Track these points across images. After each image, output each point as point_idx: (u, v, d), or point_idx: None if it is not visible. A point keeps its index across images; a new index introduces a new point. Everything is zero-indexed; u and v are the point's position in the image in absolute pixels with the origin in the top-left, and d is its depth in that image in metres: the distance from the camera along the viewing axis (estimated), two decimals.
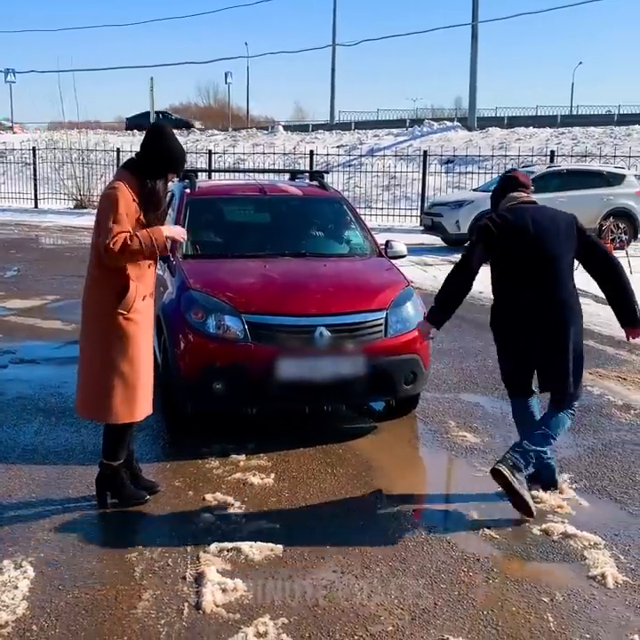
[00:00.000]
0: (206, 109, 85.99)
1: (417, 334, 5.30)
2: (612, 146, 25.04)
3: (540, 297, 4.30)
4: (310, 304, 5.20)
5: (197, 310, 5.18)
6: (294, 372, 5.03)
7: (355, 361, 5.10)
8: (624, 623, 3.28)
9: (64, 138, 26.83)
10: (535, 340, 4.33)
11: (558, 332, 4.32)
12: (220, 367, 5.02)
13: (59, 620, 3.24)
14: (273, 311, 5.13)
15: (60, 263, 14.04)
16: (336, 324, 5.12)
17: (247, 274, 5.59)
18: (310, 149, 24.56)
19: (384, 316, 5.28)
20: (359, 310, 5.26)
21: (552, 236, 4.35)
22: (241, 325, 5.05)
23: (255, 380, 5.01)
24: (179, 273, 5.63)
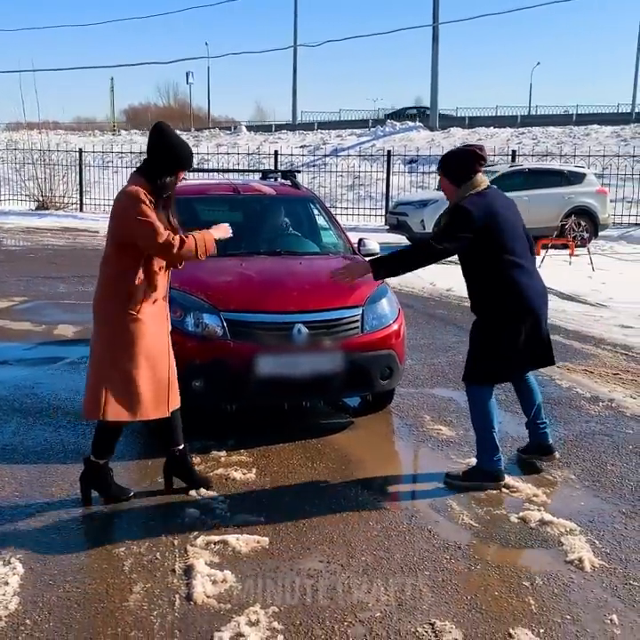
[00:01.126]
0: (166, 109, 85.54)
1: (392, 330, 5.43)
2: (572, 145, 25.51)
3: (532, 280, 4.50)
4: (288, 301, 5.27)
5: (176, 309, 5.20)
6: (273, 368, 5.10)
7: (332, 357, 5.18)
8: (602, 605, 3.40)
9: (24, 138, 26.51)
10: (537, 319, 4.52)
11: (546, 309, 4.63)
12: (200, 364, 5.06)
13: (51, 613, 3.27)
14: (251, 309, 5.20)
15: (24, 264, 13.92)
16: (314, 321, 5.20)
17: (224, 272, 5.65)
18: (275, 149, 24.62)
19: (360, 313, 5.37)
20: (336, 307, 5.35)
21: (517, 214, 4.67)
22: (220, 323, 5.11)
23: (234, 377, 5.07)
24: None
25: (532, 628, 3.20)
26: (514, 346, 4.50)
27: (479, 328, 4.63)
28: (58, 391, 6.34)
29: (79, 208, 24.65)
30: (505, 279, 4.46)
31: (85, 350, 7.65)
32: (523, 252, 4.56)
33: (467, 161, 4.58)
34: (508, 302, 4.46)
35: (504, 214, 4.51)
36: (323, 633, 3.15)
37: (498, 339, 4.51)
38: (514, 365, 4.65)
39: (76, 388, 6.41)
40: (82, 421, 5.60)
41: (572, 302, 10.67)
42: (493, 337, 4.53)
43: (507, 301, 4.46)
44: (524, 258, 4.56)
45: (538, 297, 4.56)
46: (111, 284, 4.16)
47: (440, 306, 10.44)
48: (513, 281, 4.45)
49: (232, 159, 25.13)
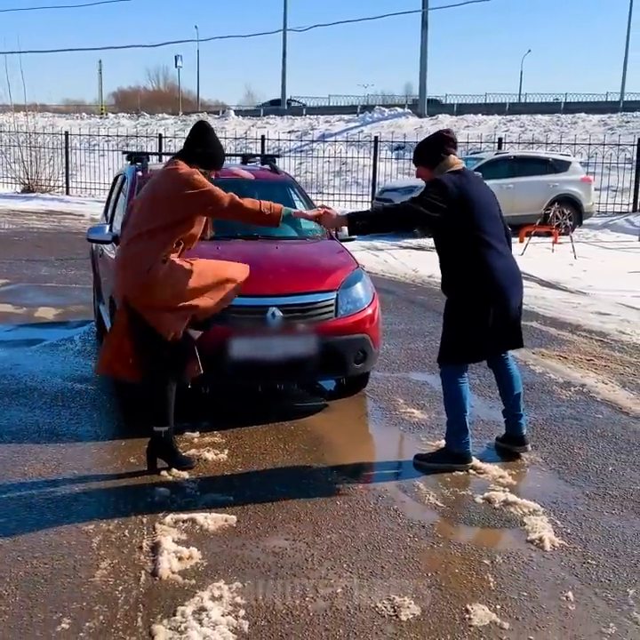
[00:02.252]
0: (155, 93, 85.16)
1: (366, 314, 5.49)
2: (559, 133, 25.56)
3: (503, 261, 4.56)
4: (263, 285, 5.29)
5: None
6: (247, 351, 5.15)
7: (306, 340, 5.24)
8: (559, 582, 3.48)
9: (10, 120, 26.37)
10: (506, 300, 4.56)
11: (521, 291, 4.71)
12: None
13: (18, 588, 3.33)
14: None
15: (8, 247, 13.90)
16: (288, 305, 5.24)
17: (200, 255, 5.65)
18: (262, 134, 24.57)
19: (335, 297, 5.41)
20: (310, 291, 5.39)
21: (492, 197, 4.73)
22: None
23: (209, 360, 5.11)
24: None
25: (489, 604, 3.28)
26: (483, 326, 4.54)
27: (450, 308, 4.70)
28: (35, 372, 6.38)
29: (65, 191, 24.56)
30: (475, 258, 4.51)
31: (65, 333, 7.73)
32: (496, 233, 4.61)
33: (436, 143, 4.66)
34: (477, 281, 4.51)
35: (478, 192, 4.58)
36: (284, 607, 3.22)
37: (467, 318, 4.57)
38: (484, 345, 4.68)
39: (54, 370, 6.47)
40: (57, 403, 5.66)
41: (551, 289, 10.75)
42: (463, 316, 4.59)
43: (476, 280, 4.51)
44: (497, 239, 4.61)
45: (508, 278, 4.59)
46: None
47: (421, 292, 10.51)
48: (483, 260, 4.50)
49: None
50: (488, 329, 4.57)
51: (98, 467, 4.64)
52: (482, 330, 4.57)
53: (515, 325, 4.74)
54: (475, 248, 4.51)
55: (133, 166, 6.88)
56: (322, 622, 3.13)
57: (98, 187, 23.40)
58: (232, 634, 3.03)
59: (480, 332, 4.58)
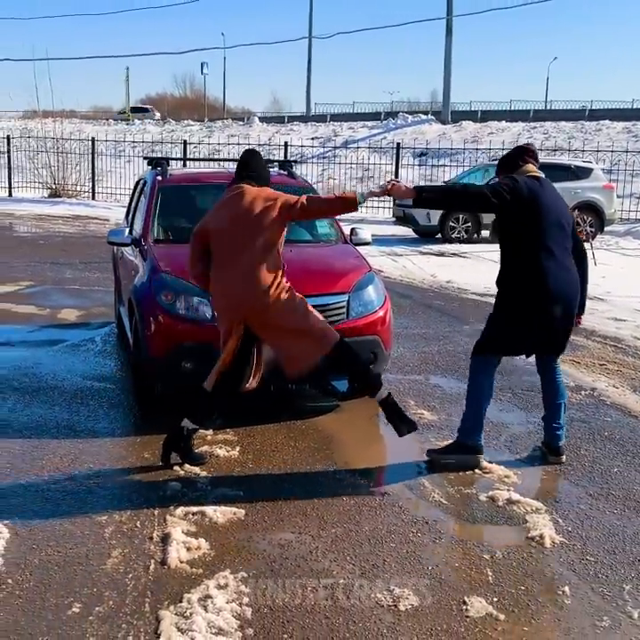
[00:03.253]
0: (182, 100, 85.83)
1: (378, 316, 5.59)
2: (582, 140, 25.51)
3: (559, 269, 4.59)
4: None
5: (167, 292, 5.40)
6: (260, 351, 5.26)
7: None
8: (557, 577, 3.57)
9: (39, 127, 26.79)
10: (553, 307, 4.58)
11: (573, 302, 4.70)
12: (189, 347, 5.25)
13: (32, 574, 3.47)
14: None
15: (34, 250, 14.17)
16: None
17: None
18: (285, 141, 24.76)
19: (346, 299, 5.54)
20: (322, 293, 5.50)
21: (564, 209, 4.79)
22: (209, 306, 5.26)
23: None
24: (150, 257, 5.85)
25: (487, 596, 3.37)
26: (521, 326, 4.61)
27: (497, 303, 4.78)
28: (56, 371, 6.54)
29: (91, 196, 24.91)
30: (532, 260, 4.56)
31: (86, 333, 7.91)
32: (559, 242, 4.64)
33: (515, 153, 4.87)
34: (528, 283, 4.57)
35: (549, 199, 4.63)
36: (287, 596, 3.33)
37: (510, 315, 4.65)
38: (519, 344, 4.74)
39: (74, 369, 6.63)
40: (76, 400, 5.82)
41: None
42: (506, 312, 4.67)
43: (527, 282, 4.57)
44: (559, 247, 4.63)
45: (561, 287, 4.60)
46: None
47: (438, 297, 10.58)
48: (539, 264, 4.55)
49: (243, 150, 25.28)
50: (526, 330, 4.63)
51: (113, 461, 4.78)
52: (520, 329, 4.64)
53: (558, 332, 4.71)
54: (534, 251, 4.56)
55: (153, 171, 7.03)
56: (322, 611, 3.24)
57: (123, 192, 23.67)
58: (235, 620, 3.15)
59: (517, 331, 4.65)
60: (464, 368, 6.91)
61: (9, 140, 25.76)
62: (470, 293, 10.72)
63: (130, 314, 5.99)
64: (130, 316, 6.01)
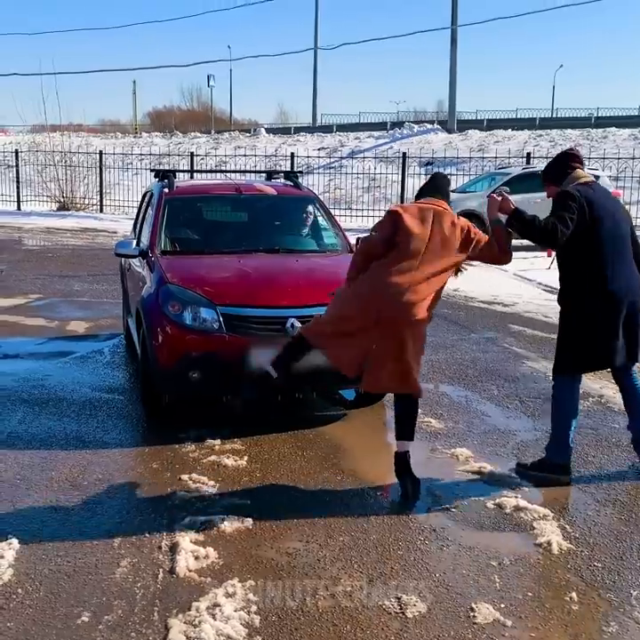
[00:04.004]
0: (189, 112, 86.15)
1: None
2: (589, 148, 25.48)
3: (623, 274, 4.55)
4: (282, 296, 5.47)
5: (174, 303, 5.43)
6: (267, 361, 5.27)
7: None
8: (564, 583, 3.57)
9: (46, 140, 26.96)
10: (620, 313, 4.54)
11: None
12: (196, 357, 5.28)
13: (42, 584, 3.50)
14: (246, 303, 5.39)
15: (43, 263, 14.24)
16: (306, 316, 5.32)
17: (222, 269, 5.87)
18: (291, 152, 24.85)
19: None
20: (328, 302, 5.50)
21: (620, 209, 4.77)
22: (216, 317, 5.31)
23: (230, 369, 5.27)
24: (157, 268, 5.89)
25: (494, 603, 3.38)
26: (595, 334, 4.54)
27: (564, 317, 4.70)
28: (65, 383, 6.58)
29: (99, 209, 25.03)
30: (594, 268, 4.51)
31: (95, 345, 7.96)
32: (619, 249, 4.59)
33: (561, 160, 4.82)
34: (593, 293, 4.52)
35: (604, 205, 4.60)
36: (295, 604, 3.35)
37: (580, 326, 4.57)
38: (598, 354, 4.64)
39: (83, 381, 6.67)
40: (85, 411, 5.86)
41: None
42: (578, 326, 4.59)
43: (592, 292, 4.52)
44: (619, 254, 4.58)
45: (629, 286, 4.57)
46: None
47: (445, 305, 10.57)
48: (607, 268, 4.50)
49: (250, 161, 25.39)
50: (600, 338, 4.55)
51: (121, 472, 4.81)
52: (598, 339, 4.56)
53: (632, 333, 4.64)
54: (600, 256, 4.51)
55: (160, 183, 7.09)
56: (330, 618, 3.25)
57: (131, 204, 23.76)
58: (243, 628, 3.17)
59: (596, 341, 4.57)
60: (471, 376, 6.95)
61: (17, 154, 25.93)
62: (477, 302, 10.73)
63: (138, 325, 6.03)
64: (138, 326, 6.05)
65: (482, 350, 7.93)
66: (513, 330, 8.93)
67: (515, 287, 12.07)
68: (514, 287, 12.07)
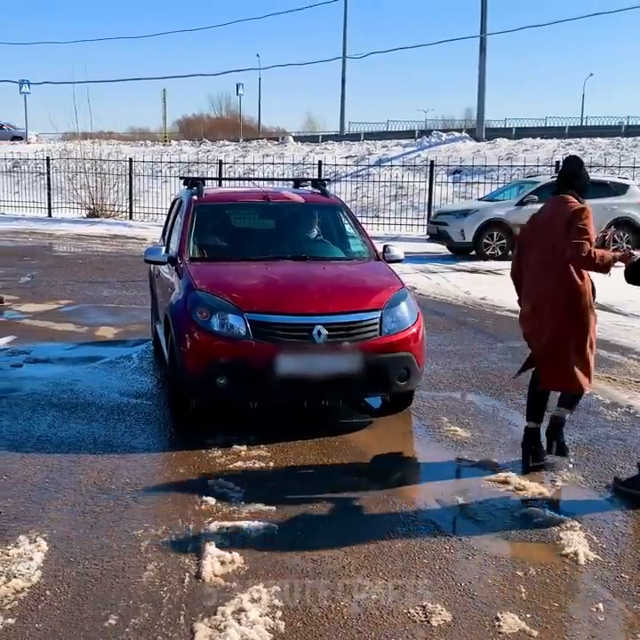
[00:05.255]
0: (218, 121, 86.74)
1: (410, 333, 5.61)
2: (619, 157, 25.29)
3: None
4: (309, 304, 5.50)
5: (202, 309, 5.48)
6: (293, 367, 5.32)
7: (351, 358, 5.38)
8: (590, 594, 3.55)
9: (78, 148, 27.27)
10: None
11: None
12: (224, 363, 5.31)
13: (70, 587, 3.54)
14: (274, 310, 5.42)
15: (73, 269, 14.40)
16: (333, 323, 5.41)
17: (250, 276, 5.91)
18: (319, 160, 24.91)
19: (379, 316, 5.56)
20: (355, 310, 5.55)
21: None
22: (243, 324, 5.35)
23: (256, 376, 5.30)
24: (185, 275, 5.95)
25: (520, 613, 3.36)
26: None
27: None
28: (94, 388, 6.65)
29: (129, 216, 25.24)
30: None
31: (123, 351, 8.03)
32: None
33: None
34: None
35: None
36: (319, 611, 3.36)
37: None
38: None
39: (112, 386, 6.74)
40: (113, 416, 5.91)
41: (605, 312, 10.66)
42: None
43: None
44: None
45: None
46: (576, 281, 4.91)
47: (472, 314, 10.56)
48: None
49: (277, 169, 25.50)
50: None
51: (149, 476, 4.85)
52: None
53: None
54: None
55: (189, 190, 7.16)
56: (355, 625, 3.26)
57: (160, 212, 23.93)
58: (268, 633, 3.18)
59: None
60: (498, 385, 6.92)
61: (49, 161, 26.27)
62: (505, 311, 10.67)
63: (166, 330, 6.09)
64: (166, 332, 6.11)
65: (509, 360, 7.88)
66: None
67: None
68: None
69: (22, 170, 29.41)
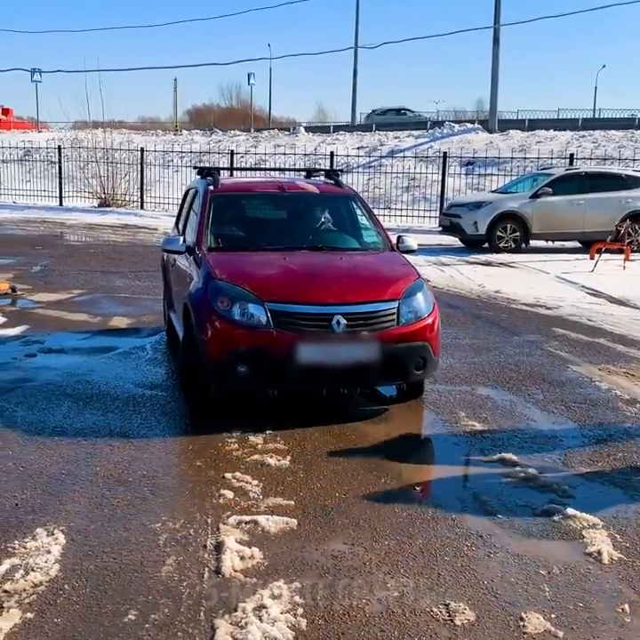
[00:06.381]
0: (228, 110, 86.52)
1: (427, 323, 5.61)
2: (633, 149, 25.11)
3: None
4: (328, 294, 5.53)
5: (223, 299, 5.51)
6: (313, 356, 5.36)
7: (369, 347, 5.43)
8: (616, 595, 3.49)
9: (89, 137, 27.22)
10: None
11: None
12: (245, 351, 5.35)
13: (89, 580, 3.50)
14: (294, 300, 5.46)
15: (84, 259, 14.38)
16: (352, 313, 5.45)
17: (268, 265, 5.93)
18: (331, 150, 24.82)
19: (396, 306, 5.61)
20: (373, 300, 5.59)
21: None
22: (264, 313, 5.38)
23: (277, 364, 5.35)
24: (204, 264, 5.95)
25: (545, 613, 3.31)
26: None
27: None
28: (108, 379, 6.62)
29: (140, 206, 25.21)
30: None
31: (137, 341, 7.99)
32: None
33: None
34: None
35: None
36: (341, 608, 3.31)
37: None
38: None
39: (126, 376, 6.70)
40: (129, 407, 5.88)
41: (621, 307, 10.61)
42: None
43: None
44: None
45: None
46: None
47: (487, 307, 10.48)
48: None
49: (289, 160, 25.40)
50: None
51: (166, 468, 4.82)
52: None
53: None
54: None
55: (204, 180, 7.12)
56: (377, 624, 3.21)
57: (171, 201, 23.93)
58: (290, 631, 3.14)
59: None
60: (515, 379, 6.86)
61: (60, 150, 26.26)
62: (520, 304, 10.60)
63: (185, 318, 6.06)
64: (185, 320, 6.08)
65: (525, 354, 7.82)
66: (557, 333, 8.80)
67: (558, 290, 11.90)
68: (557, 290, 11.90)
69: (34, 158, 29.45)
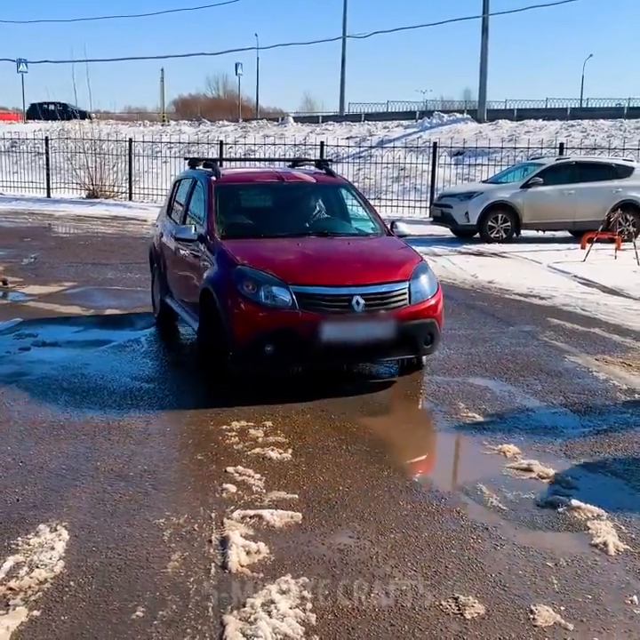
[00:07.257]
0: (215, 101, 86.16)
1: (434, 301, 6.14)
2: (622, 139, 25.16)
3: None
4: (347, 276, 5.95)
5: (248, 282, 5.84)
6: (335, 334, 5.76)
7: (385, 325, 5.90)
8: (624, 586, 3.49)
9: (76, 128, 27.00)
10: None
11: None
12: (272, 332, 5.71)
13: (94, 577, 3.47)
14: (316, 283, 5.87)
15: (75, 251, 14.27)
16: (369, 293, 5.89)
17: (285, 251, 6.28)
18: (320, 140, 24.72)
19: (407, 286, 6.03)
20: (388, 281, 6.01)
21: None
22: (288, 295, 5.73)
23: (302, 343, 5.73)
24: (221, 251, 6.28)
25: (554, 605, 3.31)
26: None
27: None
28: (104, 372, 6.57)
29: (128, 197, 25.04)
30: None
31: (131, 334, 7.94)
32: None
33: None
34: None
35: None
36: (350, 603, 3.30)
37: None
38: None
39: (122, 370, 6.66)
40: (126, 401, 5.83)
41: (614, 296, 10.62)
42: None
43: None
44: None
45: None
46: None
47: (480, 298, 10.47)
48: None
49: (278, 150, 25.29)
50: None
51: (167, 463, 4.77)
52: None
53: None
54: None
55: (205, 171, 7.30)
56: (387, 618, 3.19)
57: (160, 192, 23.76)
58: (300, 626, 3.12)
59: None
60: (512, 370, 6.86)
61: (47, 141, 26.02)
62: (513, 294, 10.60)
63: (203, 303, 6.32)
64: (202, 305, 6.34)
65: (521, 344, 7.82)
66: (552, 323, 8.80)
67: (550, 280, 11.90)
68: (549, 280, 11.90)
69: (20, 150, 29.15)
